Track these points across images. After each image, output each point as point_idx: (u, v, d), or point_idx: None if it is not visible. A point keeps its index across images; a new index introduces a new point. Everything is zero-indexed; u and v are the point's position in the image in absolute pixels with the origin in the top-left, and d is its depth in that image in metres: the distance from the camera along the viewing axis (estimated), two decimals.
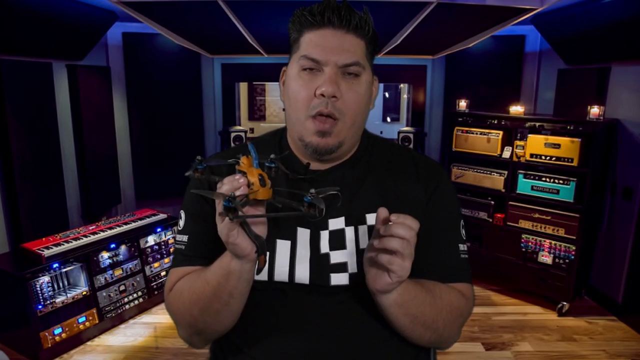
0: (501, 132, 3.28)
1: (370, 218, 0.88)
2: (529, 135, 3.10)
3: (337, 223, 0.88)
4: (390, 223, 0.75)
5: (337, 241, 0.87)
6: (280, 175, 0.92)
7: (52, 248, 2.58)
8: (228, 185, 0.71)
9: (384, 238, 0.74)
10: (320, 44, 0.83)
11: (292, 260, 0.86)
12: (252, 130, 6.09)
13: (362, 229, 0.88)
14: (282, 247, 0.87)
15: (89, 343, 2.70)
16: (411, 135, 4.13)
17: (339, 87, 0.82)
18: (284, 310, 0.86)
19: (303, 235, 0.88)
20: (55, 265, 2.54)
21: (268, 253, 0.83)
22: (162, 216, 3.29)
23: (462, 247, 0.94)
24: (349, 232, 0.87)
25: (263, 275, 0.86)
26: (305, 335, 0.85)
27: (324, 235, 0.88)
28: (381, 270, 0.76)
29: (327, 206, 0.88)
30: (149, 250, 3.11)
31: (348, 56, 0.83)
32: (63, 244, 2.65)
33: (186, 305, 0.86)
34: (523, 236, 3.19)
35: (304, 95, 0.84)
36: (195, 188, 0.95)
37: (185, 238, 0.93)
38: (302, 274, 0.86)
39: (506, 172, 3.26)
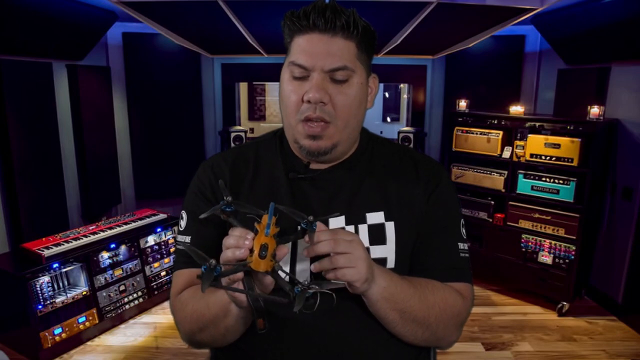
0: (501, 132, 3.28)
1: (371, 217, 0.88)
2: (529, 135, 3.10)
3: (337, 222, 0.88)
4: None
5: None
6: (281, 175, 0.92)
7: (52, 248, 2.58)
8: (234, 240, 0.71)
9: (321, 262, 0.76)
10: (307, 49, 0.83)
11: (292, 261, 0.86)
12: (252, 130, 6.09)
13: (363, 228, 0.88)
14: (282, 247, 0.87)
15: (89, 343, 2.70)
16: (411, 135, 4.13)
17: (326, 92, 0.82)
18: (284, 311, 0.86)
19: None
20: (55, 265, 2.54)
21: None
22: (162, 216, 3.29)
23: (462, 246, 0.93)
24: (350, 231, 0.87)
25: None
26: (306, 336, 0.85)
27: None
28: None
29: (327, 205, 0.89)
30: (149, 250, 3.11)
31: (334, 60, 0.82)
32: (63, 244, 2.65)
33: (187, 319, 0.87)
34: (523, 236, 3.19)
35: (294, 100, 0.85)
36: (198, 189, 0.95)
37: (187, 239, 0.93)
38: (303, 275, 0.86)
39: (506, 172, 3.26)
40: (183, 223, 0.96)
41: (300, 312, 0.70)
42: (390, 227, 0.88)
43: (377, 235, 0.88)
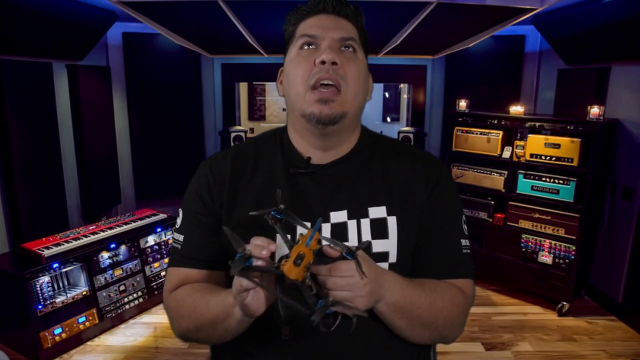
0: (501, 132, 3.28)
1: (373, 211, 0.88)
2: (529, 135, 3.10)
3: (339, 216, 0.88)
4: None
5: (339, 235, 0.87)
6: (280, 171, 0.92)
7: (52, 248, 2.58)
8: (260, 242, 0.70)
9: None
10: (316, 24, 0.89)
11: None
12: (252, 130, 6.08)
13: (365, 222, 0.88)
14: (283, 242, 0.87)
15: (89, 343, 2.70)
16: (411, 135, 4.13)
17: (338, 55, 0.86)
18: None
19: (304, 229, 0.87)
20: (55, 265, 2.54)
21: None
22: (162, 216, 3.29)
23: (464, 242, 0.94)
24: (352, 225, 0.87)
25: None
26: (307, 335, 0.85)
27: (326, 229, 0.87)
28: None
29: (328, 200, 0.89)
30: (149, 250, 3.11)
31: (344, 32, 0.88)
32: (63, 244, 2.65)
33: (184, 317, 0.87)
34: (523, 236, 3.19)
35: (303, 68, 0.86)
36: (195, 189, 0.96)
37: (181, 238, 0.94)
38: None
39: (506, 172, 3.26)
40: (179, 221, 0.96)
41: (317, 326, 0.69)
42: (392, 221, 0.88)
43: (379, 229, 0.88)
